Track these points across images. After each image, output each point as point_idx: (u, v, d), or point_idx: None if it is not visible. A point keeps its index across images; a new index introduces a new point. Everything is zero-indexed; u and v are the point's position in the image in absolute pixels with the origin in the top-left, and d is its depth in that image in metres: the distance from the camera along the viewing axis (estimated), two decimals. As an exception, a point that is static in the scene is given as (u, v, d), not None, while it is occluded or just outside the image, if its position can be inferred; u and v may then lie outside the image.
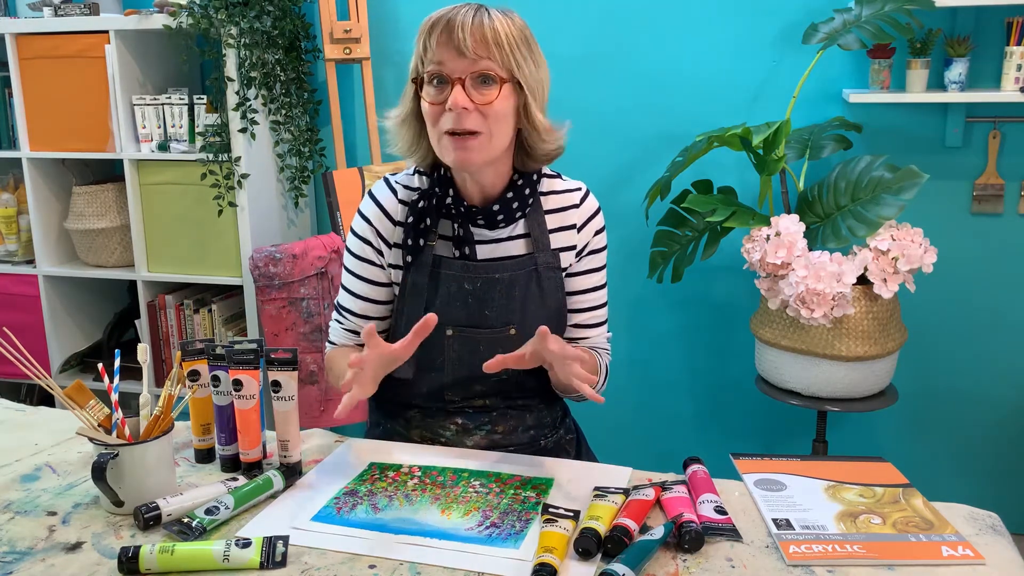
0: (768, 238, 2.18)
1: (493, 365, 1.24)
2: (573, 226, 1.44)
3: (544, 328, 1.21)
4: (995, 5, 2.29)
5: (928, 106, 2.48)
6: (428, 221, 1.38)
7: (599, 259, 1.49)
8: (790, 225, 2.17)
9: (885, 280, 2.14)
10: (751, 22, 2.56)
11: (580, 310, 1.49)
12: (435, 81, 1.28)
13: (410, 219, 1.38)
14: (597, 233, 1.48)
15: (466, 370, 1.43)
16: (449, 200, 1.38)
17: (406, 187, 1.44)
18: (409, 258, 1.39)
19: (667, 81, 2.65)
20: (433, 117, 1.29)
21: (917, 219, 2.32)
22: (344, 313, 1.48)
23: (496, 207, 1.37)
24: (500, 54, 1.27)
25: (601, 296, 1.50)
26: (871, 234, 2.14)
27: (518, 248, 1.42)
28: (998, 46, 2.37)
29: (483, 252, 1.41)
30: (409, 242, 1.38)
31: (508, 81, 1.29)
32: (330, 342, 1.53)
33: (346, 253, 1.47)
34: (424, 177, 1.43)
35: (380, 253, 1.43)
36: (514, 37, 1.29)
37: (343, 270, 1.48)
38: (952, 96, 2.35)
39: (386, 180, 1.46)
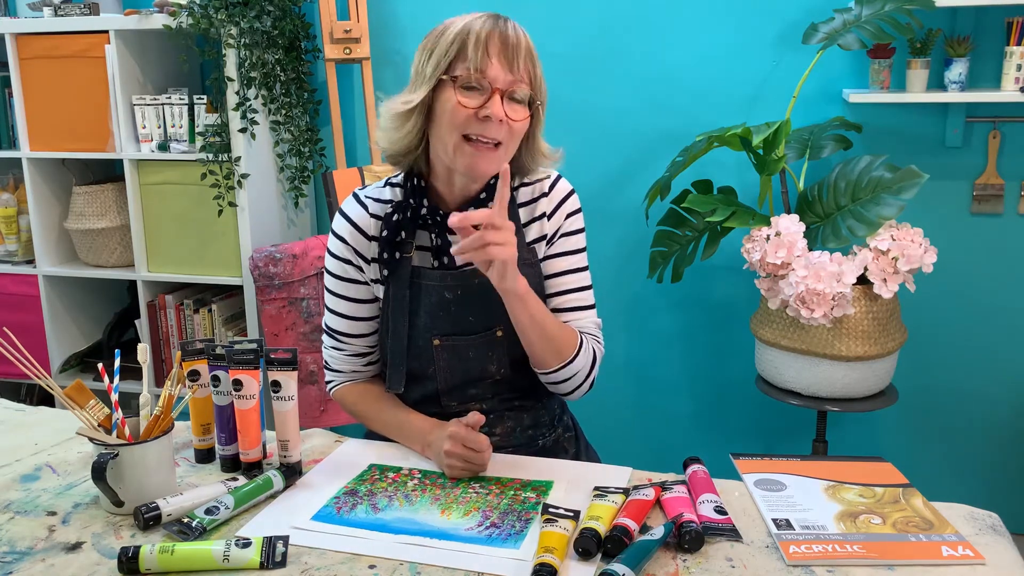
0: (768, 238, 2.18)
1: (456, 220, 1.23)
2: (543, 215, 1.43)
3: (506, 168, 1.25)
4: (995, 5, 2.29)
5: (928, 106, 2.48)
6: (404, 234, 1.37)
7: (574, 241, 1.45)
8: (790, 225, 2.17)
9: (885, 280, 2.14)
10: (751, 22, 2.56)
11: (556, 294, 1.45)
12: (470, 86, 1.27)
13: (384, 232, 1.37)
14: (570, 216, 1.44)
15: (458, 377, 1.42)
16: (424, 211, 1.36)
17: (377, 200, 1.42)
18: (386, 272, 1.38)
19: (667, 81, 2.65)
20: (459, 119, 1.27)
21: (917, 219, 2.31)
22: (340, 337, 1.46)
23: (471, 209, 1.35)
24: (534, 75, 1.30)
25: (580, 279, 1.46)
26: (871, 234, 2.14)
27: None
28: (998, 46, 2.37)
29: (461, 258, 1.39)
30: (385, 256, 1.37)
31: (534, 101, 1.30)
32: (334, 370, 1.50)
33: (327, 275, 1.45)
34: (397, 188, 1.42)
35: (361, 270, 1.42)
36: (536, 56, 1.31)
37: (326, 293, 1.45)
38: (952, 96, 2.35)
39: (355, 195, 1.43)
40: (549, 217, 1.43)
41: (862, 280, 2.18)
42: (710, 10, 2.58)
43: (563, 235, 1.44)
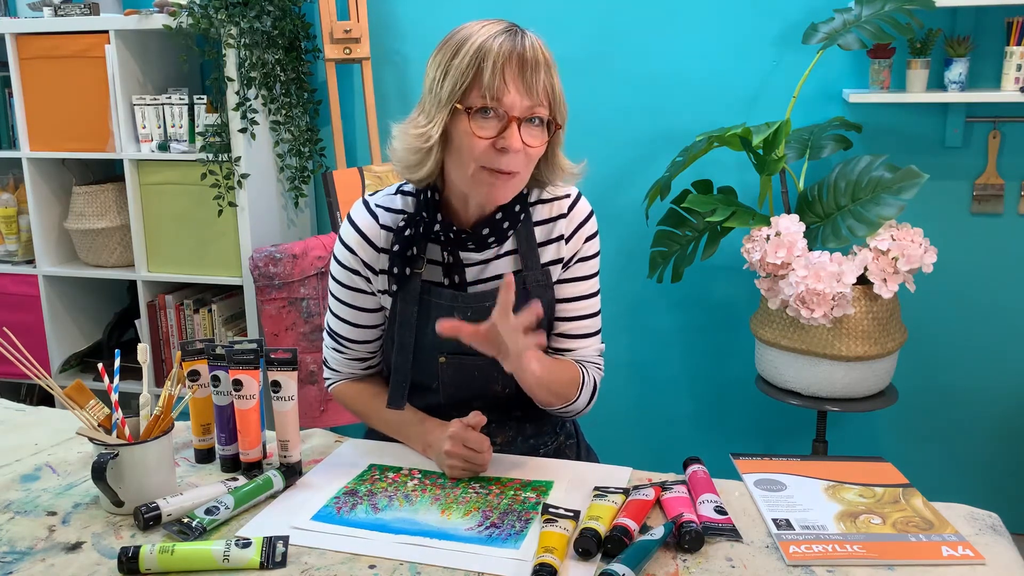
0: (768, 238, 2.18)
1: (447, 327, 1.18)
2: (561, 237, 1.39)
3: (509, 278, 1.16)
4: (995, 5, 2.29)
5: (928, 106, 2.48)
6: (416, 249, 1.33)
7: (589, 266, 1.42)
8: (790, 225, 2.17)
9: (885, 280, 2.14)
10: (751, 22, 2.56)
11: (566, 319, 1.42)
12: (486, 113, 1.21)
13: (396, 247, 1.32)
14: (588, 240, 1.40)
15: (462, 393, 1.41)
16: (437, 226, 1.32)
17: (388, 209, 1.37)
18: (395, 287, 1.35)
19: (667, 81, 2.65)
20: (476, 151, 1.22)
21: (917, 219, 2.31)
22: (343, 342, 1.45)
23: (486, 230, 1.32)
24: (553, 97, 1.24)
25: (591, 305, 1.43)
26: (871, 234, 2.14)
27: (506, 266, 1.38)
28: (998, 46, 2.37)
29: (471, 274, 1.37)
30: (396, 271, 1.33)
31: (553, 124, 1.26)
32: (333, 370, 1.49)
33: (332, 281, 1.42)
34: (409, 198, 1.37)
35: (368, 281, 1.39)
36: (556, 73, 1.26)
37: (331, 297, 1.43)
38: (952, 96, 2.35)
39: (365, 203, 1.39)
40: (567, 240, 1.39)
41: (862, 280, 2.18)
42: (710, 10, 2.58)
43: (580, 260, 1.41)
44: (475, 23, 1.25)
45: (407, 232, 1.33)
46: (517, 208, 1.34)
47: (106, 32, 2.62)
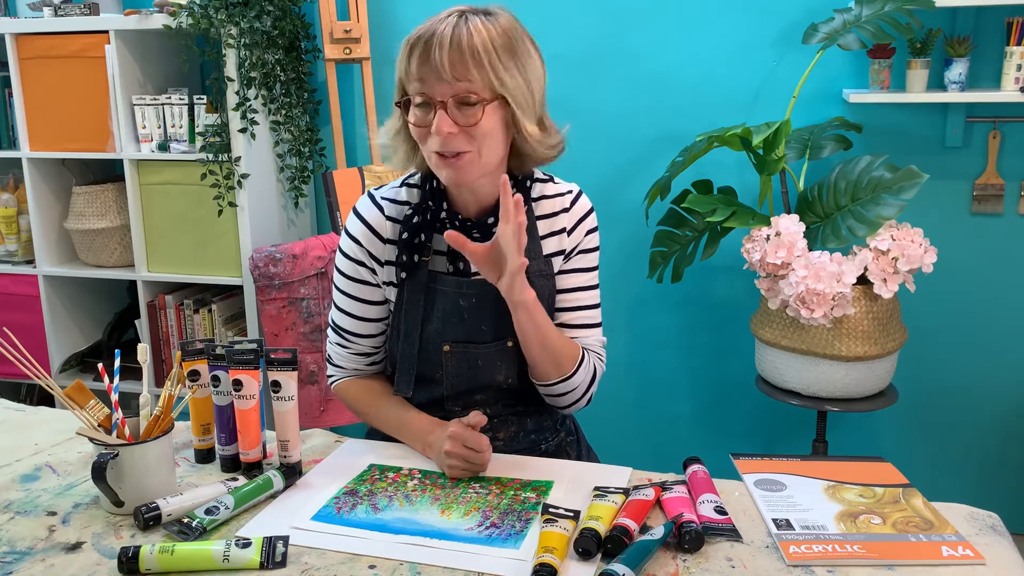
0: (768, 238, 2.18)
1: (452, 237, 1.24)
2: (563, 230, 1.42)
3: (504, 178, 1.22)
4: (995, 5, 2.29)
5: (928, 106, 2.48)
6: (423, 237, 1.36)
7: (589, 259, 1.45)
8: (790, 225, 2.17)
9: (885, 280, 2.14)
10: (751, 22, 2.56)
11: (566, 309, 1.44)
12: (419, 103, 1.26)
13: (404, 235, 1.36)
14: (588, 233, 1.44)
15: (465, 383, 1.42)
16: (443, 215, 1.36)
17: (393, 201, 1.41)
18: (403, 275, 1.37)
19: (667, 81, 2.65)
20: (421, 138, 1.28)
21: (917, 219, 2.32)
22: (347, 336, 1.46)
23: (491, 220, 1.35)
24: (480, 73, 1.22)
25: (591, 297, 1.45)
26: (871, 234, 2.14)
27: None
28: (998, 46, 2.37)
29: None
30: (404, 258, 1.36)
31: (491, 100, 1.25)
32: (337, 366, 1.50)
33: (337, 274, 1.44)
34: (414, 190, 1.41)
35: (374, 272, 1.41)
36: (495, 49, 1.23)
37: (335, 290, 1.45)
38: (952, 96, 2.35)
39: (370, 196, 1.42)
40: (569, 232, 1.42)
41: (862, 280, 2.18)
42: (710, 10, 2.58)
43: (580, 252, 1.44)
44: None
45: (415, 219, 1.36)
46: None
47: (106, 32, 2.62)
